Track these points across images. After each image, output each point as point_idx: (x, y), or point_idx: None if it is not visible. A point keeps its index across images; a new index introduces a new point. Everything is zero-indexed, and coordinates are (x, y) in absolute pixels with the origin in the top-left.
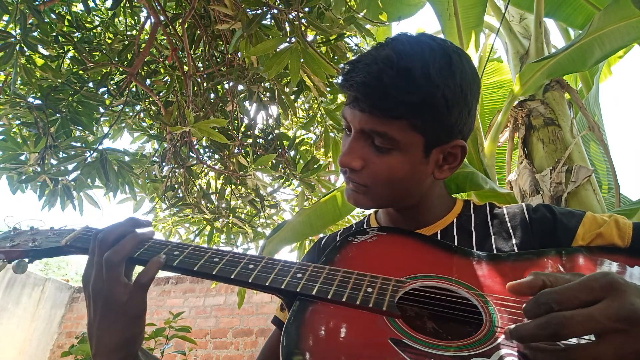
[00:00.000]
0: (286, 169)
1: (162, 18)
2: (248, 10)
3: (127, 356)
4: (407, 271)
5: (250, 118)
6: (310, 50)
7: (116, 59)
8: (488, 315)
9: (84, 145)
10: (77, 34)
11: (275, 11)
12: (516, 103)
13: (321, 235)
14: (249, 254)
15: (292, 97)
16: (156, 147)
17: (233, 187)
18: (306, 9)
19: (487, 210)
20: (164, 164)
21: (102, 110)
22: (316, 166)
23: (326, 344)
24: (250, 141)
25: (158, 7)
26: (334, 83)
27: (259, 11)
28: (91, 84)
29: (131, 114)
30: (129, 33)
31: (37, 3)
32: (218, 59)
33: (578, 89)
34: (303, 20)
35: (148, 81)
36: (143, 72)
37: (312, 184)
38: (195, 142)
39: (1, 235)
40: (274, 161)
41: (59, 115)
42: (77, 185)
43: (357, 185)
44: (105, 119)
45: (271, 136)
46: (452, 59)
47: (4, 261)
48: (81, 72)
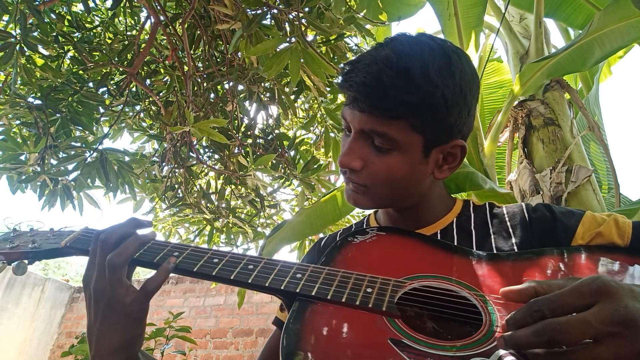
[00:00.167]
0: (286, 169)
1: (162, 18)
2: (248, 10)
3: (128, 358)
4: (407, 271)
5: (250, 118)
6: (310, 50)
7: (116, 59)
8: (487, 315)
9: (84, 145)
10: (77, 34)
11: (275, 11)
12: (516, 103)
13: (321, 235)
14: (249, 255)
15: (292, 97)
16: (156, 147)
17: (233, 187)
18: (306, 9)
19: (487, 210)
20: (164, 164)
21: (102, 110)
22: (316, 166)
23: (326, 345)
24: (250, 141)
25: (158, 7)
26: (334, 83)
27: (259, 11)
28: (91, 84)
29: (131, 114)
30: (129, 33)
31: (37, 3)
32: (218, 59)
33: (578, 89)
34: (303, 20)
35: (148, 81)
36: (143, 72)
37: (312, 184)
38: (195, 142)
39: (1, 236)
40: (274, 161)
41: (59, 115)
42: (77, 185)
43: (357, 185)
44: (105, 119)
45: (271, 136)
46: (452, 59)
47: (4, 262)
48: (81, 72)
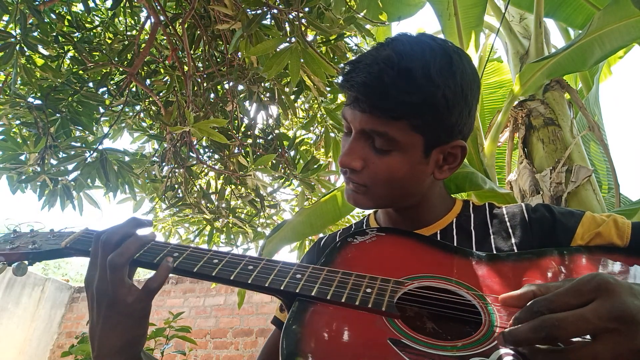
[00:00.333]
0: (286, 169)
1: (162, 18)
2: (248, 10)
3: (130, 358)
4: (407, 271)
5: (250, 118)
6: (310, 50)
7: (116, 59)
8: (487, 315)
9: (84, 145)
10: (77, 34)
11: (275, 11)
12: (516, 103)
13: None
14: (248, 255)
15: (292, 97)
16: (156, 147)
17: (233, 187)
18: (306, 9)
19: (487, 210)
20: (164, 164)
21: (102, 110)
22: (316, 166)
23: (326, 345)
24: (250, 141)
25: (158, 7)
26: (334, 83)
27: (259, 11)
28: (91, 84)
29: (131, 114)
30: (129, 33)
31: (37, 3)
32: (218, 59)
33: (578, 89)
34: (303, 20)
35: (148, 81)
36: (143, 72)
37: (312, 184)
38: (195, 142)
39: (1, 237)
40: (274, 161)
41: (59, 115)
42: (77, 185)
43: (357, 185)
44: (105, 119)
45: (271, 136)
46: (453, 59)
47: (4, 263)
48: (81, 72)
